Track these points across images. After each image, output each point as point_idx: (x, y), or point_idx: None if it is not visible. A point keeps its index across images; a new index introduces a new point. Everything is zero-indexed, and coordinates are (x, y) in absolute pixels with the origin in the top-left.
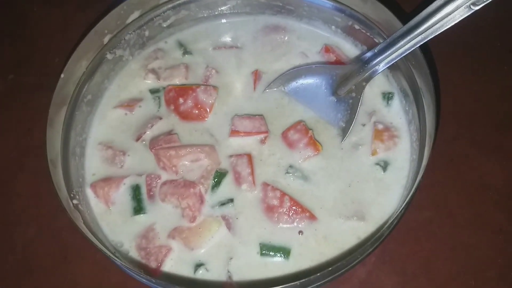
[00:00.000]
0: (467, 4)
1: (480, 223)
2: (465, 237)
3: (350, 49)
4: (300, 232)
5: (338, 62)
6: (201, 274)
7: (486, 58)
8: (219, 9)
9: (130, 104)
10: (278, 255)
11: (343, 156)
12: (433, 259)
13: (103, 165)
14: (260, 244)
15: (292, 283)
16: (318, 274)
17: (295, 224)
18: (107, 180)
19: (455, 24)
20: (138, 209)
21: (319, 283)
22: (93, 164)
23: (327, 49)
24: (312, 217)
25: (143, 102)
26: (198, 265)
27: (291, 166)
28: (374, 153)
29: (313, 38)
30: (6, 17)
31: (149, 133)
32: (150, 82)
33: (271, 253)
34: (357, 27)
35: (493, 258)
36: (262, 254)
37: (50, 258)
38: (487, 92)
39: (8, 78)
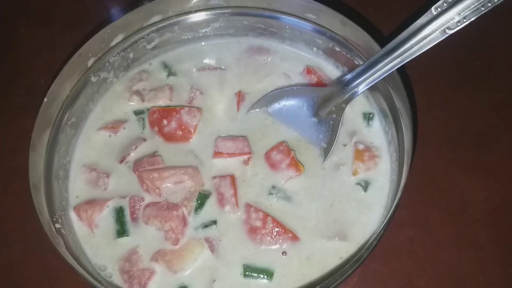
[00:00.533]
0: (442, 28)
1: (461, 241)
2: (447, 255)
3: (331, 70)
4: (284, 253)
5: (320, 83)
6: None
7: (466, 77)
8: (203, 31)
9: (114, 126)
10: (262, 276)
11: (325, 176)
12: (415, 277)
13: (87, 188)
14: (243, 265)
15: None
16: None
17: (278, 245)
18: (91, 202)
19: (435, 45)
20: (122, 231)
21: None
22: (77, 186)
23: (309, 70)
24: (295, 237)
25: (128, 123)
26: None
27: (273, 187)
28: (355, 173)
29: (296, 60)
30: None
31: (133, 155)
32: (134, 104)
33: (254, 274)
34: (337, 49)
35: (474, 276)
36: (245, 276)
37: (34, 281)
38: (467, 111)
39: None
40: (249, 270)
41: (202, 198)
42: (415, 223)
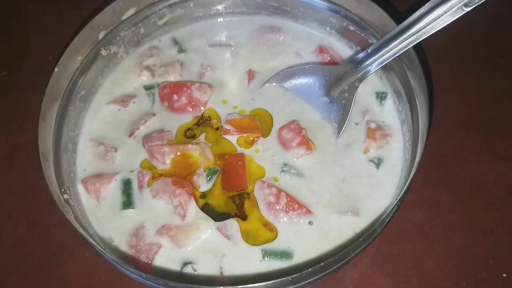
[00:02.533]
0: (459, 5)
1: (471, 224)
2: (457, 238)
3: (344, 50)
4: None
5: (332, 63)
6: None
7: (479, 62)
8: (215, 8)
9: (124, 100)
10: (279, 255)
11: (336, 152)
12: (424, 259)
13: (95, 161)
14: (261, 250)
15: (283, 278)
16: (310, 270)
17: (293, 220)
18: (99, 176)
19: (449, 28)
20: (128, 203)
21: (312, 279)
22: (85, 159)
23: (321, 49)
24: (309, 212)
25: (137, 98)
26: (186, 263)
27: (285, 164)
28: (366, 151)
29: (308, 39)
30: (1, 14)
31: (142, 129)
32: (145, 78)
33: (271, 253)
34: (351, 28)
35: (484, 259)
36: (263, 259)
37: (39, 256)
38: (479, 96)
39: (1, 74)
40: (268, 255)
41: (212, 174)
42: (425, 205)
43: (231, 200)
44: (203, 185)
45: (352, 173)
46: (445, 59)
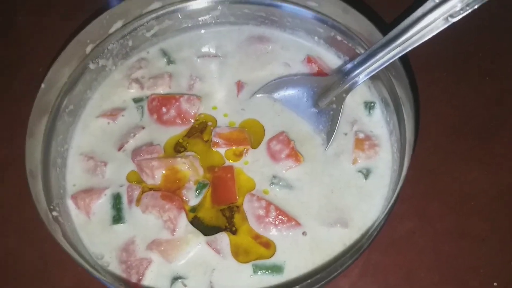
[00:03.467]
0: (445, 16)
1: (462, 233)
2: (448, 247)
3: (332, 59)
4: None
5: (320, 73)
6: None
7: (468, 69)
8: (203, 18)
9: (113, 113)
10: (269, 272)
11: (325, 162)
12: (415, 269)
13: (85, 176)
14: (252, 265)
15: None
16: (297, 287)
17: (283, 233)
18: (88, 191)
19: (438, 34)
20: (118, 218)
21: None
22: (74, 174)
23: (309, 59)
24: (298, 225)
25: (126, 111)
26: (176, 278)
27: (274, 176)
28: (354, 161)
29: (297, 49)
30: None
31: (131, 143)
32: (134, 91)
33: (262, 271)
34: (339, 38)
35: (475, 268)
36: (254, 274)
37: (31, 269)
38: (468, 103)
39: None
40: (259, 268)
41: (202, 188)
42: (415, 215)
43: (221, 213)
44: (193, 199)
45: (341, 184)
46: (434, 66)
